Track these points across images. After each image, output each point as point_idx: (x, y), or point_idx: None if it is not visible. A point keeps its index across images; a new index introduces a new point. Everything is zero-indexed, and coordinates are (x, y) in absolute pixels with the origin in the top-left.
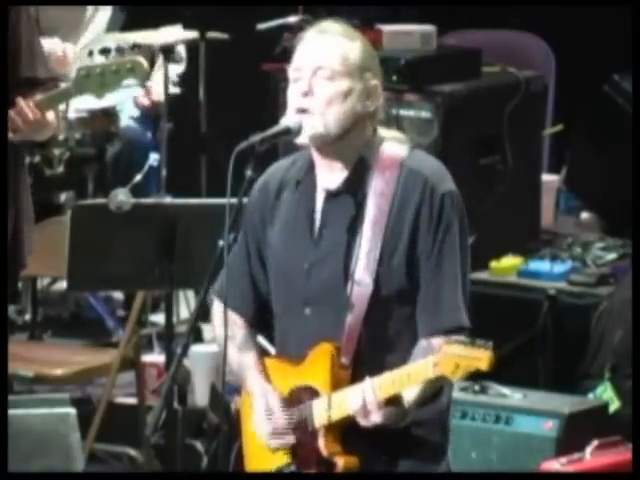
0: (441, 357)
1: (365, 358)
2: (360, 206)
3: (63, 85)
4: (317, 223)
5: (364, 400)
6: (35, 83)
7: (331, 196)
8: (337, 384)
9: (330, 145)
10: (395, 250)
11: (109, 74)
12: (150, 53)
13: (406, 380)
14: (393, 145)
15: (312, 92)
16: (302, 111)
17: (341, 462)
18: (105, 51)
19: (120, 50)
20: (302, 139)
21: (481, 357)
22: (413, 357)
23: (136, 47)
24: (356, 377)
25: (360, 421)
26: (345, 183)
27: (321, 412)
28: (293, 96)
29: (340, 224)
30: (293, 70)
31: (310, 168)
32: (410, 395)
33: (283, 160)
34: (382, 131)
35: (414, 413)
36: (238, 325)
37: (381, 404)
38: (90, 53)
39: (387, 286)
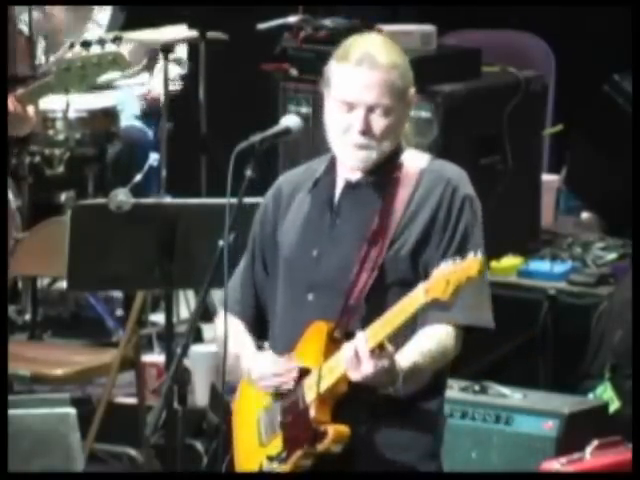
0: (431, 282)
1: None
2: (377, 200)
3: (44, 79)
4: (333, 213)
5: (356, 349)
6: (16, 80)
7: (350, 188)
8: (328, 357)
9: None
10: (406, 242)
11: (90, 67)
12: (153, 53)
13: (399, 314)
14: (414, 152)
15: (370, 129)
16: (360, 146)
17: (331, 430)
18: (86, 44)
19: (101, 42)
20: (359, 167)
21: (470, 265)
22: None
23: (117, 39)
24: None
25: (352, 375)
26: (366, 177)
27: (311, 386)
28: (349, 131)
29: (355, 215)
30: (342, 102)
31: (332, 166)
32: (405, 360)
33: (297, 168)
34: None
35: (406, 383)
36: (239, 325)
37: (375, 353)
38: (71, 46)
39: (391, 274)
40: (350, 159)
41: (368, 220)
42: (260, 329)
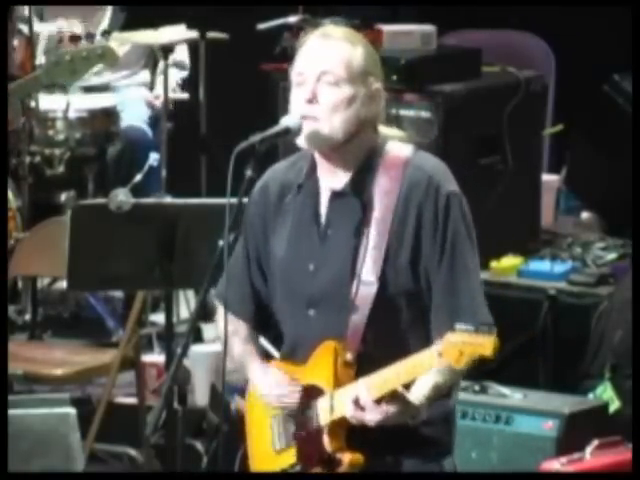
0: (445, 346)
1: (369, 356)
2: (365, 206)
3: (33, 73)
4: (322, 224)
5: (357, 400)
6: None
7: (336, 196)
8: (341, 381)
9: (335, 150)
10: (400, 248)
11: (79, 61)
12: (152, 52)
13: (410, 371)
14: (397, 145)
15: (316, 99)
16: (306, 118)
17: (347, 459)
18: (75, 38)
19: (90, 37)
20: (307, 145)
21: (484, 343)
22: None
23: (106, 33)
24: (361, 375)
25: (362, 421)
26: (350, 183)
27: (325, 410)
28: (297, 102)
29: (346, 224)
30: (296, 74)
31: (312, 170)
32: (421, 390)
33: (281, 162)
34: (383, 129)
35: (428, 409)
36: (241, 323)
37: (384, 400)
38: (60, 40)
39: (393, 285)
40: (301, 137)
41: (359, 229)
42: (263, 324)
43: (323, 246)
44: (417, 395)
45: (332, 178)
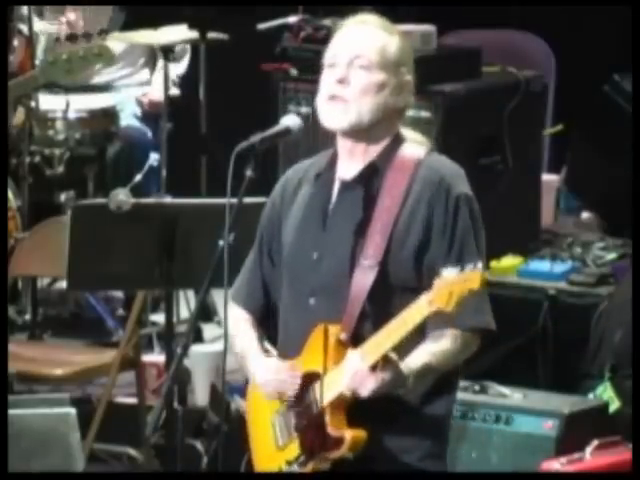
0: (434, 292)
1: (364, 338)
2: (373, 198)
3: (29, 72)
4: (329, 214)
5: (353, 370)
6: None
7: (345, 187)
8: (335, 361)
9: (357, 135)
10: (406, 242)
11: (76, 60)
12: (152, 52)
13: (403, 325)
14: (413, 145)
15: (347, 80)
16: (335, 98)
17: (349, 436)
18: (72, 37)
19: (87, 36)
20: (331, 124)
21: (472, 277)
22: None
23: (103, 32)
24: None
25: (358, 392)
26: (360, 174)
27: (322, 391)
28: (327, 82)
29: (351, 215)
30: (330, 57)
31: (332, 162)
32: (410, 364)
33: (306, 160)
34: (404, 131)
35: (417, 382)
36: (248, 321)
37: (378, 366)
38: (57, 39)
39: (395, 276)
40: (326, 116)
41: (364, 220)
42: (270, 322)
43: (328, 235)
44: (406, 365)
45: (347, 167)
